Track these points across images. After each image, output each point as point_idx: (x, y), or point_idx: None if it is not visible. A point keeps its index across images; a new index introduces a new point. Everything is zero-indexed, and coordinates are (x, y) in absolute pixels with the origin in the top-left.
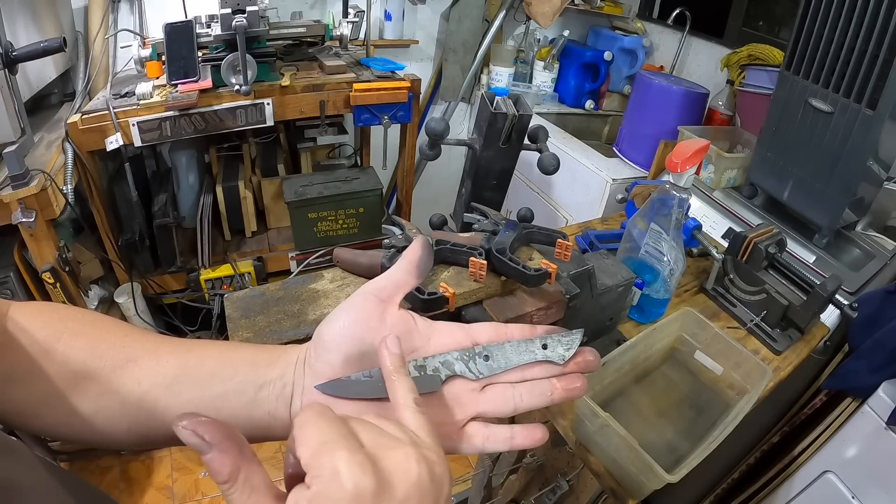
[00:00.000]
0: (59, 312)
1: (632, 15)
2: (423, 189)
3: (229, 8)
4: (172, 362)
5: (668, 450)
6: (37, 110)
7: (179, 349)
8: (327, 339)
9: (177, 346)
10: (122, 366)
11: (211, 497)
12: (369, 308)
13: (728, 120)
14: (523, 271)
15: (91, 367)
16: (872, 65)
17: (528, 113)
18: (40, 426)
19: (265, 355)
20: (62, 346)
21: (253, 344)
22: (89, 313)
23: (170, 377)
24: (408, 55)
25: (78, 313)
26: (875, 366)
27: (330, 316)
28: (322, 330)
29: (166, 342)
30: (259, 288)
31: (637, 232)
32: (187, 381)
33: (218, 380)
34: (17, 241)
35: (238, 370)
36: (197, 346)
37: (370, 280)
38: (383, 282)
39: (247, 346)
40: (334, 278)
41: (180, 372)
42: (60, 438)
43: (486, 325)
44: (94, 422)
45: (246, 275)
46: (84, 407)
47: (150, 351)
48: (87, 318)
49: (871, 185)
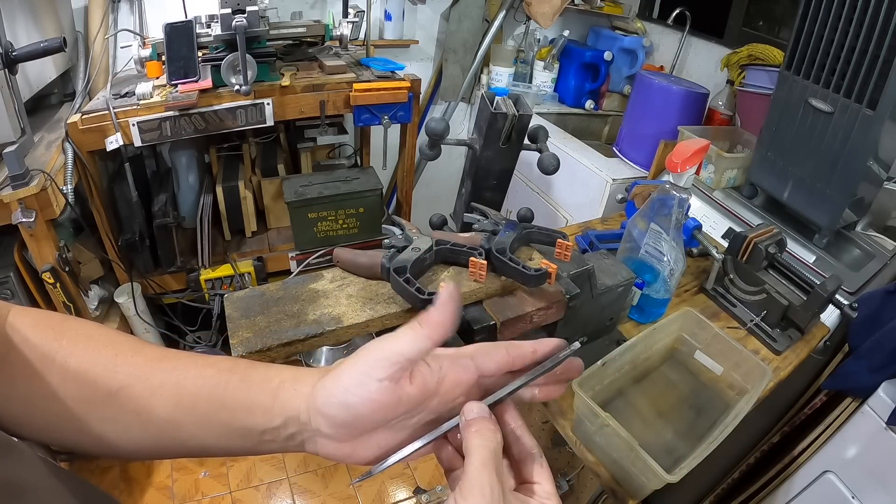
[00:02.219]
0: (53, 329)
1: (632, 15)
2: (423, 189)
3: (229, 8)
4: (166, 397)
5: (668, 450)
6: (37, 110)
7: (169, 381)
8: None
9: (166, 374)
10: (115, 393)
11: (211, 497)
12: (391, 394)
13: (728, 120)
14: (523, 271)
15: (87, 392)
16: (872, 65)
17: (528, 113)
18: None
19: (259, 402)
20: (56, 369)
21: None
22: (83, 327)
23: (167, 413)
24: (408, 55)
25: (72, 327)
26: (875, 366)
27: (353, 387)
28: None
29: (156, 367)
30: (259, 288)
31: (637, 232)
32: (185, 419)
33: (216, 423)
34: (17, 241)
35: (234, 417)
36: (188, 377)
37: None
38: (407, 352)
39: (236, 385)
40: (334, 278)
41: (175, 410)
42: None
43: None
44: (105, 443)
45: (246, 275)
46: (93, 430)
47: (140, 379)
48: (80, 334)
49: (871, 185)
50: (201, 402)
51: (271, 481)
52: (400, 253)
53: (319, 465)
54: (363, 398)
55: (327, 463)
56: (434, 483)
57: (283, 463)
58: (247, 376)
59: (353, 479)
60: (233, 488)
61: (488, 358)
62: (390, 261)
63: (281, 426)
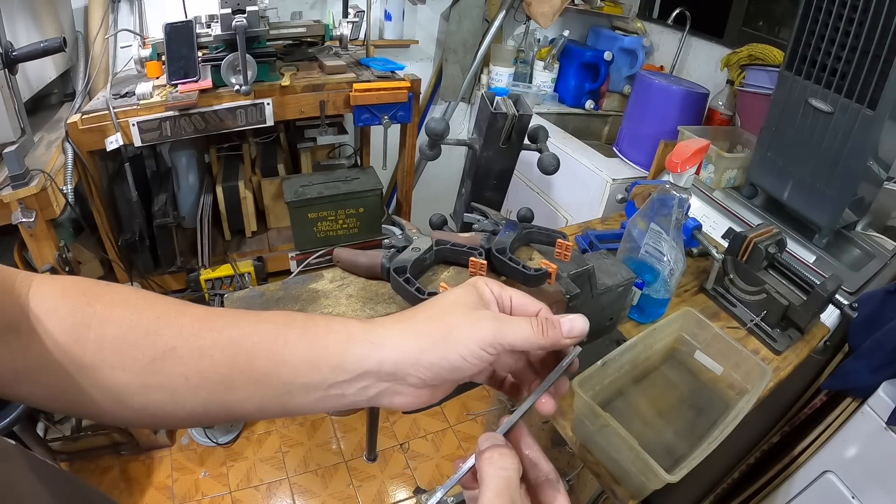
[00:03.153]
0: (85, 294)
1: (632, 15)
2: (423, 189)
3: (229, 8)
4: (218, 358)
5: (668, 450)
6: (37, 110)
7: (221, 340)
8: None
9: (216, 334)
10: (161, 357)
11: (211, 497)
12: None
13: (728, 120)
14: (523, 271)
15: (128, 358)
16: (872, 65)
17: (528, 113)
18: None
19: (325, 356)
20: (93, 334)
21: (303, 326)
22: (117, 290)
23: (219, 375)
24: (408, 55)
25: (105, 292)
26: (875, 366)
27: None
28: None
29: (204, 327)
30: (259, 288)
31: (637, 232)
32: (241, 380)
33: (276, 381)
34: (17, 241)
35: (297, 373)
36: (240, 334)
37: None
38: (518, 346)
39: (297, 340)
40: (334, 278)
41: (230, 371)
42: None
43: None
44: (150, 412)
45: (246, 275)
46: (135, 400)
47: (188, 340)
48: (116, 298)
49: (871, 185)
50: (259, 360)
51: (271, 481)
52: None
53: (319, 465)
54: (474, 365)
55: (327, 463)
56: (434, 483)
57: (283, 463)
58: (307, 329)
59: (353, 480)
60: (233, 488)
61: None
62: (390, 261)
63: (353, 379)
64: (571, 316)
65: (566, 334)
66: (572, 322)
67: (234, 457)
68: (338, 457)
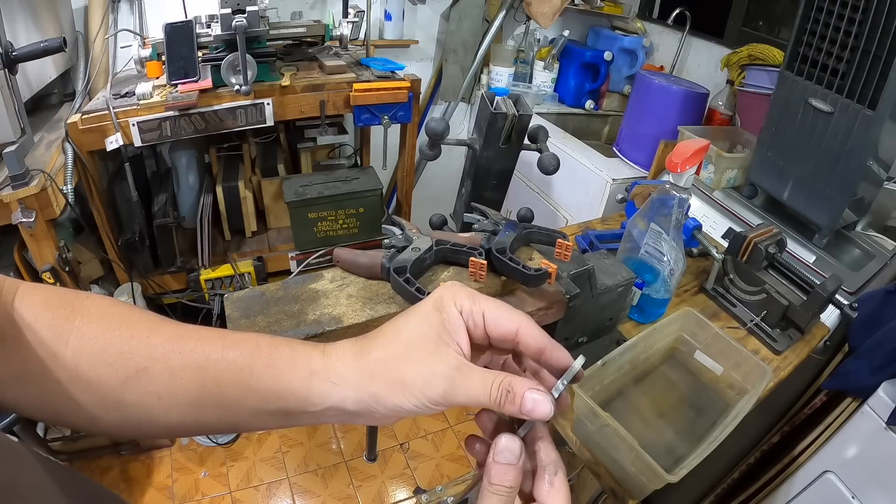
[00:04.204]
0: (65, 308)
1: (632, 15)
2: (423, 189)
3: (229, 8)
4: (188, 381)
5: (668, 450)
6: (37, 110)
7: (190, 363)
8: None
9: (186, 356)
10: (134, 377)
11: (211, 497)
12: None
13: (728, 120)
14: (523, 271)
15: (103, 376)
16: (873, 65)
17: (528, 113)
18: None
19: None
20: (70, 350)
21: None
22: (96, 304)
23: (190, 397)
24: (408, 55)
25: (85, 306)
26: (875, 366)
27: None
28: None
29: (174, 348)
30: (259, 288)
31: (637, 232)
32: (210, 403)
33: (245, 406)
34: (17, 241)
35: (265, 401)
36: (207, 359)
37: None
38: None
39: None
40: (334, 278)
41: (200, 394)
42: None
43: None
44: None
45: (246, 275)
46: (111, 415)
47: (159, 361)
48: (94, 314)
49: (871, 185)
50: (227, 387)
51: (271, 481)
52: (400, 253)
53: (319, 465)
54: (430, 411)
55: (327, 463)
56: (434, 483)
57: (283, 463)
58: (272, 362)
59: (353, 480)
60: (233, 488)
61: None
62: (390, 261)
63: (320, 412)
64: (537, 396)
65: (525, 413)
66: (535, 403)
67: (234, 457)
68: (338, 457)
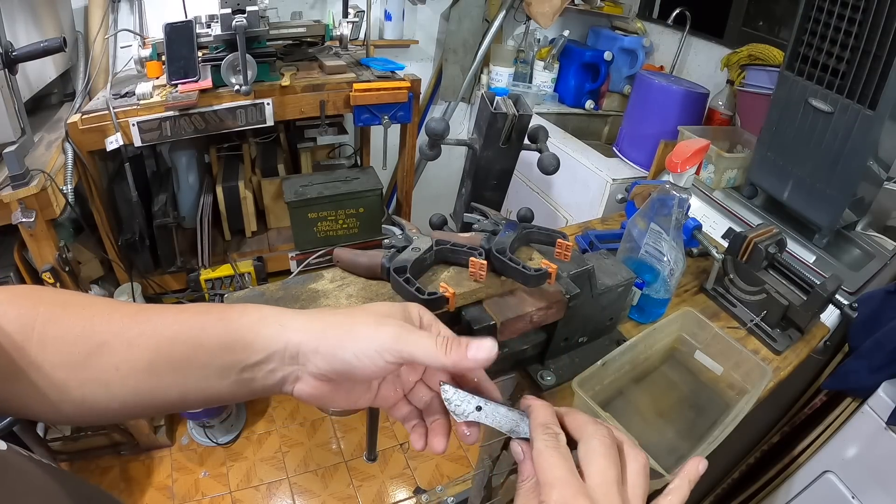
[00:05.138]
0: (31, 298)
1: (632, 15)
2: (423, 189)
3: (229, 8)
4: (144, 346)
5: (669, 450)
6: (37, 110)
7: (146, 330)
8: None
9: (143, 325)
10: (96, 352)
11: (211, 497)
12: (389, 370)
13: (728, 120)
14: (523, 271)
15: (67, 355)
16: (873, 65)
17: (528, 113)
18: (39, 416)
19: (238, 338)
20: (36, 335)
21: (220, 312)
22: (60, 294)
23: (145, 362)
24: (408, 55)
25: (49, 296)
26: (875, 366)
27: (363, 356)
28: (338, 369)
29: (132, 321)
30: (259, 288)
31: (637, 232)
32: (164, 365)
33: (195, 365)
34: (17, 241)
35: (213, 356)
36: (163, 324)
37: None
38: (420, 360)
39: (214, 324)
40: (334, 278)
41: (154, 357)
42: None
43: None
44: (87, 406)
45: (246, 275)
46: (73, 395)
47: (118, 334)
48: (58, 300)
49: (871, 185)
50: (179, 346)
51: (271, 481)
52: (400, 253)
53: (319, 465)
54: (368, 368)
55: (327, 463)
56: (434, 483)
57: (283, 463)
58: (224, 315)
59: (353, 480)
60: (233, 488)
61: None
62: (390, 261)
63: (262, 361)
64: (481, 339)
65: (471, 356)
66: (480, 344)
67: (234, 457)
68: (338, 457)
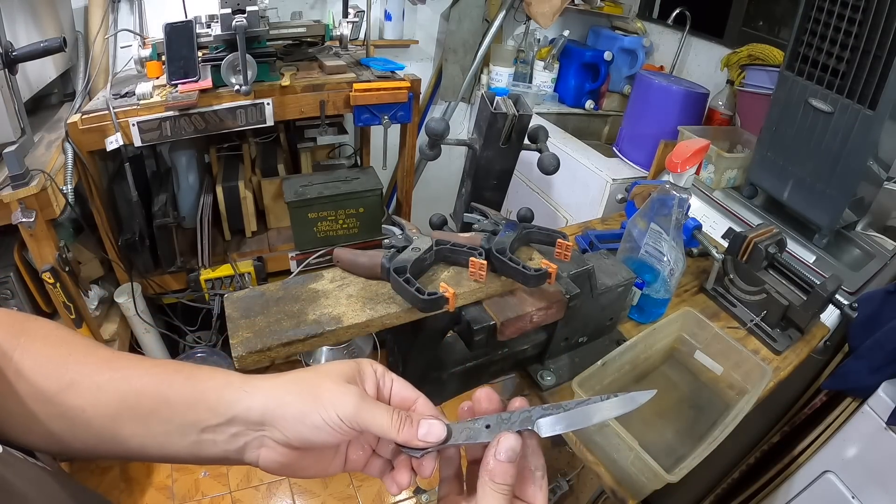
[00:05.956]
0: (13, 327)
1: (632, 15)
2: (423, 189)
3: (229, 8)
4: (111, 393)
5: (669, 450)
6: (37, 110)
7: (116, 377)
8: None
9: (114, 372)
10: (65, 389)
11: (211, 497)
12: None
13: (728, 120)
14: (523, 271)
15: (39, 388)
16: (873, 65)
17: (528, 113)
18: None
19: (203, 398)
20: (13, 365)
21: (189, 372)
22: (42, 326)
23: (111, 409)
24: (408, 55)
25: (31, 327)
26: (875, 366)
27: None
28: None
29: (106, 366)
30: (259, 288)
31: (637, 232)
32: (128, 415)
33: (157, 419)
34: (17, 241)
35: (176, 412)
36: (134, 375)
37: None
38: (375, 431)
39: (182, 383)
40: (334, 278)
41: (120, 406)
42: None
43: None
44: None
45: (246, 275)
46: (43, 427)
47: (88, 376)
48: (38, 334)
49: (871, 185)
50: (145, 399)
51: (271, 481)
52: (400, 253)
53: None
54: (332, 433)
55: None
56: (434, 483)
57: None
58: (192, 375)
59: (353, 480)
60: (233, 488)
61: None
62: (390, 261)
63: (223, 423)
64: (433, 421)
65: (420, 437)
66: (430, 427)
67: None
68: None
